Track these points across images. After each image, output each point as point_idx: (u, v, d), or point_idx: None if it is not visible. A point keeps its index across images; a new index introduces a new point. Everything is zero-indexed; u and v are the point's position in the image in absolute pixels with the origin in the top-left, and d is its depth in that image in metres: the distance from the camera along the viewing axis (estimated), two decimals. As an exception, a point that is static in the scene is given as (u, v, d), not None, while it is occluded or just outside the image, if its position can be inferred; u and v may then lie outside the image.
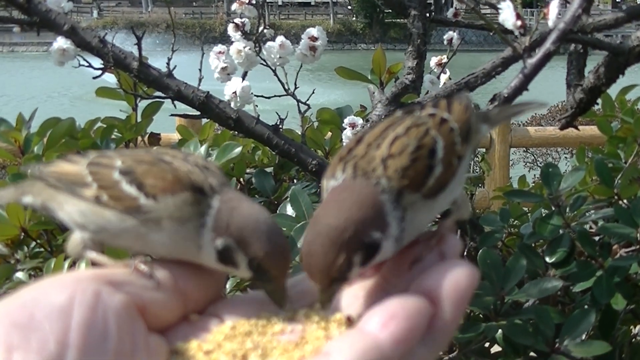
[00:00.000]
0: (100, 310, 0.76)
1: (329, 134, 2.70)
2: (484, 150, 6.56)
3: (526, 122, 9.64)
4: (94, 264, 0.94)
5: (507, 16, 1.59)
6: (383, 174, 0.85)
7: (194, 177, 0.90)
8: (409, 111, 0.96)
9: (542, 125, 8.81)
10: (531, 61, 1.55)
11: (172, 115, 2.30)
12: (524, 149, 9.14)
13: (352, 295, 0.87)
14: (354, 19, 61.91)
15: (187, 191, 0.88)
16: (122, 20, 56.40)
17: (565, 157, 9.10)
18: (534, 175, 7.86)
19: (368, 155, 0.87)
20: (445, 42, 2.63)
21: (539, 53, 1.55)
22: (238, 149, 2.29)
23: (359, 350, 0.74)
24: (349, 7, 63.28)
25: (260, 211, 0.88)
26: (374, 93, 2.03)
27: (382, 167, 0.86)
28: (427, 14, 2.48)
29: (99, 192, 0.91)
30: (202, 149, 2.24)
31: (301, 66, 2.32)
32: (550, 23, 1.56)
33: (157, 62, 2.20)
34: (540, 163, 9.09)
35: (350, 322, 0.82)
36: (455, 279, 0.80)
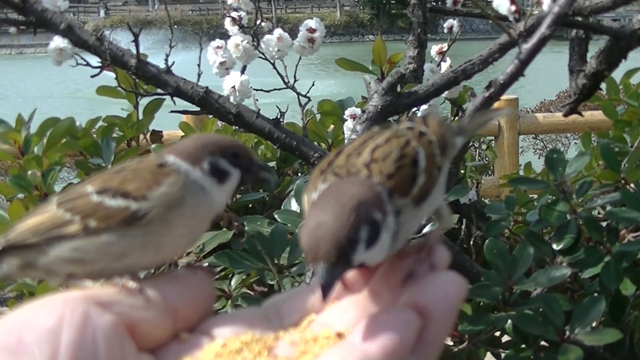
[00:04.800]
0: (89, 331, 0.75)
1: (332, 126, 2.69)
2: (491, 138, 6.55)
3: (534, 108, 9.61)
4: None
5: (501, 1, 1.57)
6: (369, 173, 0.84)
7: (153, 160, 0.92)
8: (386, 126, 0.95)
9: (550, 112, 8.77)
10: (526, 46, 1.53)
11: (171, 111, 2.29)
12: (533, 135, 9.10)
13: (341, 310, 0.86)
14: (361, 10, 61.90)
15: (164, 176, 0.90)
16: (129, 19, 56.43)
17: (575, 143, 9.06)
18: (544, 162, 7.82)
19: (349, 163, 0.86)
20: (445, 31, 2.62)
21: (534, 38, 1.53)
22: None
23: None
24: (356, -1, 63.32)
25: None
26: (370, 83, 2.01)
27: (367, 170, 0.84)
28: (427, 3, 2.47)
29: (84, 222, 0.89)
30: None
31: (300, 58, 2.30)
32: (545, 7, 1.54)
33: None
34: (547, 150, 9.05)
35: (340, 337, 0.80)
36: (445, 291, 0.80)
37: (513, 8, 1.56)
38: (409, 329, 0.76)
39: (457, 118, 2.65)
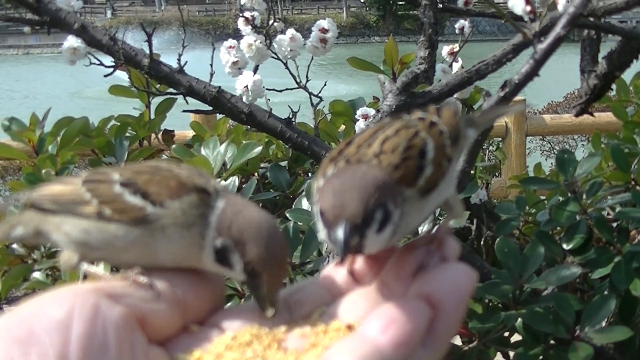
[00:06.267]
0: (100, 323, 0.76)
1: (343, 126, 2.70)
2: (499, 139, 6.55)
3: (542, 110, 9.60)
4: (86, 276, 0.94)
5: (516, 2, 1.58)
6: (379, 165, 0.84)
7: (196, 180, 0.90)
8: (397, 116, 0.95)
9: (558, 113, 8.76)
10: (541, 46, 1.54)
11: (184, 111, 2.29)
12: (540, 137, 9.08)
13: (351, 302, 0.87)
14: (367, 11, 61.82)
15: (192, 193, 0.88)
16: (136, 19, 56.36)
17: (582, 145, 9.05)
18: (551, 163, 7.81)
19: (359, 153, 0.86)
20: (457, 31, 2.62)
21: (549, 38, 1.54)
22: (258, 149, 2.29)
23: (360, 356, 0.74)
24: (362, 0, 63.20)
25: (265, 217, 0.88)
26: (384, 83, 2.02)
27: (377, 160, 0.85)
28: (438, 3, 2.47)
29: (100, 208, 0.90)
30: (222, 148, 2.24)
31: (312, 59, 2.31)
32: (560, 7, 1.55)
33: (172, 61, 2.20)
34: (557, 151, 9.02)
35: (350, 329, 0.81)
36: (455, 282, 0.80)
37: (528, 8, 1.57)
38: (420, 319, 0.77)
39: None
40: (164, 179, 0.90)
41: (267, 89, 2.25)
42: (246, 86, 2.18)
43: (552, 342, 2.02)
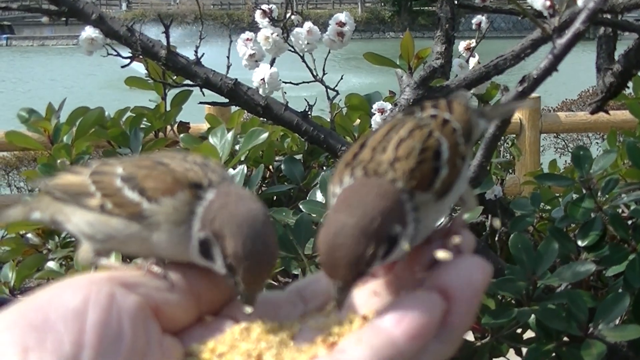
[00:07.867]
0: (115, 311, 0.77)
1: (358, 120, 2.70)
2: (513, 136, 6.52)
3: (556, 107, 9.57)
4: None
5: (536, -3, 1.58)
6: (394, 175, 0.84)
7: (191, 175, 0.89)
8: (409, 112, 0.95)
9: (572, 111, 8.73)
10: (561, 42, 1.54)
11: (200, 103, 2.30)
12: (555, 134, 9.05)
13: (366, 294, 0.87)
14: (382, 7, 61.74)
15: (185, 190, 0.88)
16: (151, 12, 56.42)
17: (597, 143, 9.02)
18: (565, 161, 7.78)
19: (375, 160, 0.86)
20: (474, 27, 2.61)
21: (569, 33, 1.54)
22: (264, 135, 2.29)
23: (374, 347, 0.74)
24: (377, -4, 63.12)
25: (253, 211, 0.86)
26: (402, 77, 2.02)
27: (392, 170, 0.84)
28: (456, -1, 2.47)
29: (103, 201, 0.91)
30: (229, 136, 2.24)
31: (329, 52, 2.31)
32: (580, 3, 1.55)
33: (186, 54, 2.21)
34: (571, 149, 8.99)
35: (365, 320, 0.81)
36: (469, 275, 0.80)
37: (548, 3, 1.56)
38: (434, 312, 0.77)
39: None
40: (161, 174, 0.89)
41: (283, 82, 2.25)
42: (263, 79, 2.19)
43: (565, 339, 2.01)
